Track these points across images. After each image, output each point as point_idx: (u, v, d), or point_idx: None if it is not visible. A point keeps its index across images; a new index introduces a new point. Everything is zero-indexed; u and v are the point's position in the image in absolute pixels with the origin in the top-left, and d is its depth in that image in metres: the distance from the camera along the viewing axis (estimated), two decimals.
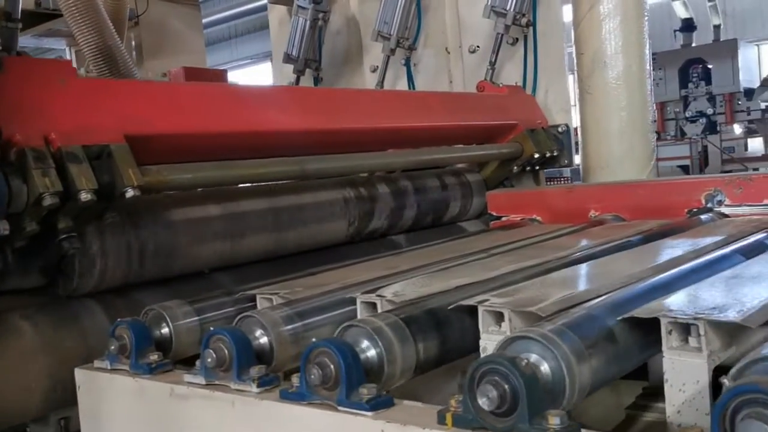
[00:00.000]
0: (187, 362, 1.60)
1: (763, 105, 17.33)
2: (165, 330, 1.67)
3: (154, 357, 1.58)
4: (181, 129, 1.93)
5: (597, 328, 1.20)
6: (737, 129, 17.06)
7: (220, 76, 5.24)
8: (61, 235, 1.75)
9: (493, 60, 3.71)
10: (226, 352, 1.42)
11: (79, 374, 1.67)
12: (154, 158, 1.84)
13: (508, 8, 3.59)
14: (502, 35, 3.67)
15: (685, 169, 14.55)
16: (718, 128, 17.03)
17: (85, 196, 1.65)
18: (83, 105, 1.74)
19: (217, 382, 1.43)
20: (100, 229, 1.85)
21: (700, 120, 17.49)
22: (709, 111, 17.42)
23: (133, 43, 5.76)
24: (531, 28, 3.72)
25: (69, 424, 1.82)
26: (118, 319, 1.65)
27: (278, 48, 4.88)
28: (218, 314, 1.74)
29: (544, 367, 1.11)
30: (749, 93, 17.40)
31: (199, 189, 2.15)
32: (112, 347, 1.62)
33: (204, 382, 1.44)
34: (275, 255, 2.33)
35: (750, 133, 17.08)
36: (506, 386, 1.05)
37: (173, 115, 1.93)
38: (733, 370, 0.94)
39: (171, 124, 1.91)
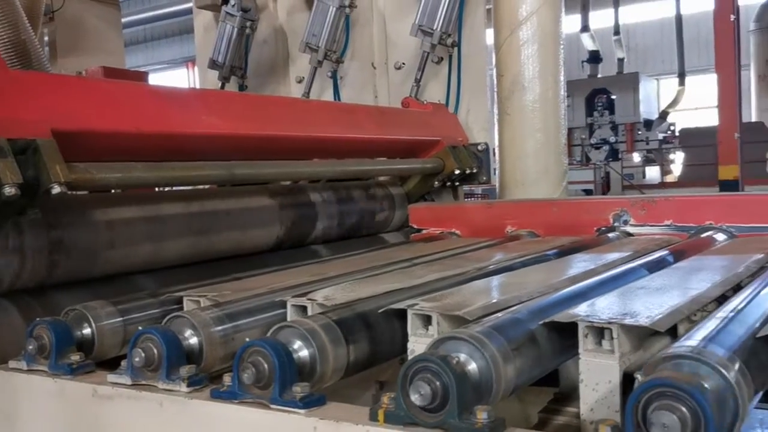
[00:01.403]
0: (109, 364, 1.58)
1: (660, 136, 18.43)
2: (87, 330, 1.64)
3: (75, 357, 1.55)
4: (111, 127, 1.89)
5: (521, 330, 1.28)
6: (636, 157, 18.07)
7: (141, 77, 5.13)
8: None
9: (418, 77, 3.81)
10: (156, 351, 1.41)
11: None
12: (83, 156, 1.80)
13: (434, 28, 3.71)
14: (428, 54, 3.78)
15: (588, 193, 15.25)
16: (619, 156, 17.97)
17: (9, 191, 1.60)
18: (10, 97, 1.68)
19: (143, 382, 1.42)
20: (19, 226, 1.80)
21: (604, 147, 18.41)
22: (612, 139, 18.37)
23: (47, 39, 5.56)
24: (456, 49, 3.85)
25: None
26: (37, 319, 1.61)
27: (203, 53, 4.84)
28: (143, 315, 1.72)
29: (473, 366, 1.17)
30: (648, 124, 18.48)
31: (126, 190, 2.11)
32: (30, 347, 1.57)
33: (130, 382, 1.43)
34: (200, 259, 2.31)
35: (648, 161, 18.13)
36: (438, 383, 1.11)
37: (104, 113, 1.89)
38: (644, 367, 1.03)
39: (101, 122, 1.88)
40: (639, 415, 0.96)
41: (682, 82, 18.72)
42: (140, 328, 1.47)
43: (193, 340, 1.48)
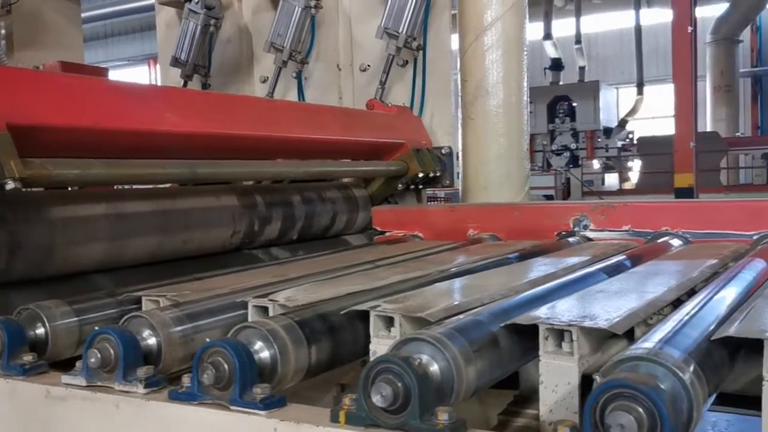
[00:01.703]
0: (63, 366, 1.54)
1: (619, 143, 18.80)
2: (41, 330, 1.59)
3: (28, 358, 1.51)
4: (69, 122, 1.85)
5: (483, 332, 1.29)
6: (596, 164, 18.40)
7: (100, 73, 5.03)
8: None
9: (383, 80, 3.82)
10: (112, 351, 1.39)
11: None
12: (39, 152, 1.76)
13: (400, 31, 3.72)
14: (393, 56, 3.79)
15: (549, 198, 15.47)
16: (580, 162, 18.27)
17: None
18: None
19: (99, 384, 1.39)
20: None
21: (565, 153, 18.70)
22: (573, 146, 18.65)
23: (3, 32, 5.42)
24: (421, 52, 3.87)
25: None
26: None
27: (165, 50, 4.77)
28: (99, 315, 1.68)
29: (435, 368, 1.17)
30: (608, 132, 18.83)
31: (84, 187, 2.07)
32: None
33: (85, 384, 1.40)
34: (159, 259, 2.28)
35: (607, 168, 18.48)
36: (399, 384, 1.11)
37: (62, 108, 1.85)
38: (602, 369, 1.05)
39: (59, 117, 1.83)
40: (597, 415, 0.97)
41: (640, 92, 19.12)
42: (96, 328, 1.44)
43: (152, 341, 1.45)
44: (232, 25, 4.61)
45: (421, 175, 3.40)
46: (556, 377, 1.24)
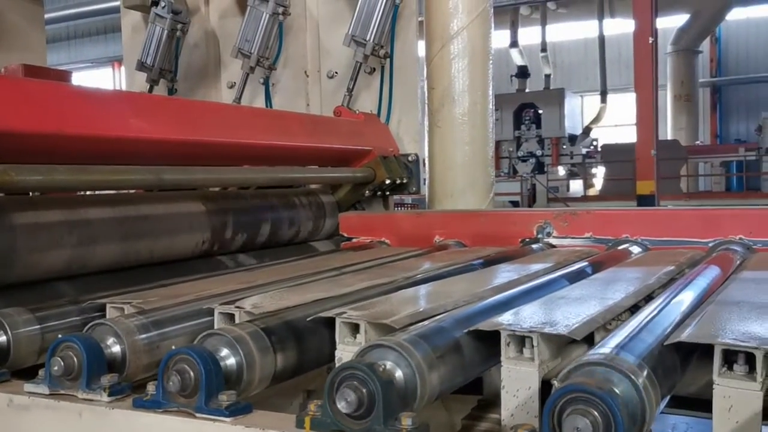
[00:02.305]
0: (25, 374, 1.53)
1: (583, 150, 19.11)
2: (2, 338, 1.58)
3: None
4: (32, 128, 1.83)
5: (446, 339, 1.32)
6: (561, 171, 18.67)
7: (64, 77, 4.95)
8: None
9: (350, 87, 3.84)
10: (75, 360, 1.38)
11: None
12: (2, 157, 1.74)
13: (367, 39, 3.74)
14: (361, 64, 3.81)
15: (515, 205, 15.64)
16: (545, 169, 18.51)
17: None
18: None
19: (62, 392, 1.38)
20: None
21: (530, 160, 18.93)
22: (538, 152, 18.89)
23: None
24: (388, 60, 3.90)
25: None
26: None
27: (130, 54, 4.72)
28: (63, 323, 1.67)
29: (399, 374, 1.20)
30: (573, 139, 19.12)
31: (47, 193, 2.05)
32: None
33: (48, 392, 1.39)
34: (124, 266, 2.26)
35: (572, 175, 18.75)
36: (364, 390, 1.13)
37: (25, 113, 1.83)
38: (560, 374, 1.08)
39: (21, 122, 1.81)
40: (555, 419, 1.00)
41: (604, 100, 19.47)
42: (60, 335, 1.43)
43: (116, 349, 1.45)
44: (199, 29, 4.59)
45: (388, 181, 3.43)
46: (518, 382, 1.27)
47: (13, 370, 1.53)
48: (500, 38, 18.53)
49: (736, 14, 20.58)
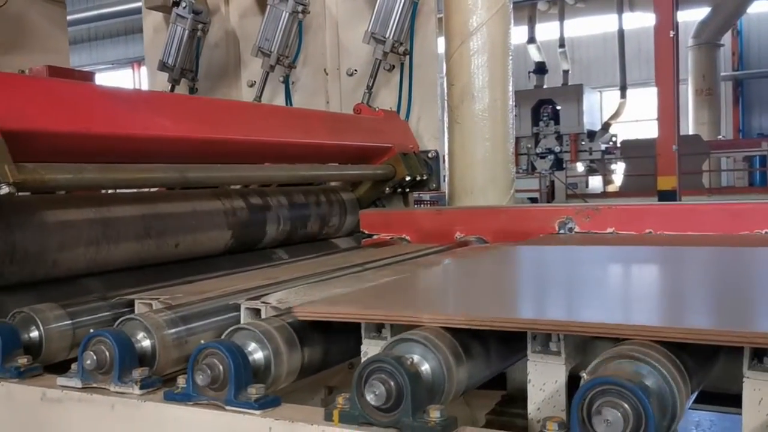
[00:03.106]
0: (56, 369, 1.55)
1: (602, 146, 18.97)
2: (35, 333, 1.61)
3: (22, 361, 1.52)
4: (61, 128, 1.87)
5: (472, 333, 1.32)
6: (580, 167, 18.56)
7: (88, 78, 5.01)
8: None
9: (370, 84, 3.85)
10: (107, 354, 1.40)
11: None
12: (32, 156, 1.77)
13: (387, 36, 3.75)
14: (380, 61, 3.82)
15: (534, 201, 15.56)
16: (564, 165, 18.41)
17: None
18: None
19: (95, 385, 1.41)
20: None
21: (549, 156, 18.84)
22: (557, 149, 18.81)
23: None
24: (407, 57, 3.90)
25: None
26: None
27: (152, 55, 4.77)
28: (93, 318, 1.70)
29: (426, 367, 1.21)
30: (591, 135, 18.99)
31: (75, 191, 2.08)
32: None
33: (80, 385, 1.41)
34: (150, 262, 2.29)
35: (591, 171, 18.64)
36: (392, 383, 1.14)
37: (55, 113, 1.86)
38: (589, 367, 1.08)
39: (51, 122, 1.85)
40: (584, 411, 1.01)
41: (623, 95, 19.32)
42: (91, 330, 1.46)
43: (146, 343, 1.47)
44: (220, 29, 4.63)
45: (408, 178, 3.43)
46: (544, 376, 1.27)
47: (45, 365, 1.56)
48: (518, 34, 18.46)
49: (757, 7, 20.30)
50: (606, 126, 19.56)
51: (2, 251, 1.84)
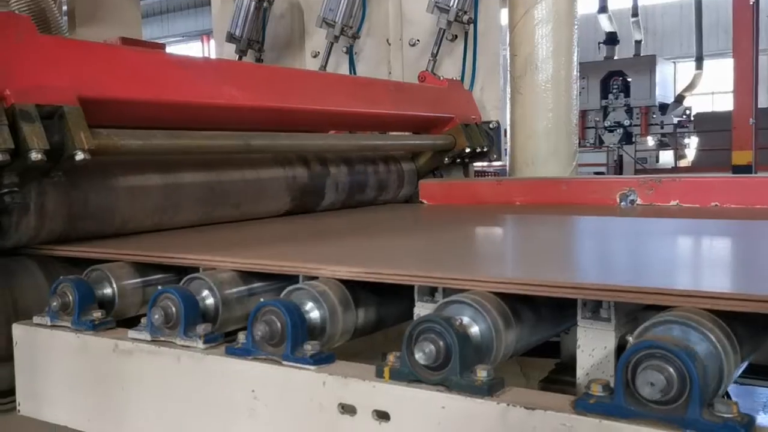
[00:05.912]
0: (126, 324, 1.65)
1: (675, 120, 18.31)
2: (108, 290, 1.71)
3: (97, 314, 1.62)
4: (134, 95, 1.95)
5: (523, 297, 1.34)
6: (650, 141, 17.98)
7: (159, 49, 5.16)
8: (4, 189, 1.75)
9: (435, 51, 3.84)
10: (174, 309, 1.48)
11: (17, 330, 1.68)
12: (105, 122, 1.86)
13: (451, 5, 3.73)
14: (444, 30, 3.80)
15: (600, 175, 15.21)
16: (633, 139, 17.88)
17: (35, 156, 1.66)
18: (40, 63, 1.74)
19: (162, 339, 1.50)
20: (41, 186, 1.85)
21: (618, 130, 18.32)
22: (626, 122, 18.25)
23: (65, 8, 5.59)
24: (471, 26, 3.87)
25: None
26: (61, 277, 1.68)
27: (220, 26, 4.88)
28: (161, 278, 1.79)
29: (475, 329, 1.24)
30: (663, 108, 18.34)
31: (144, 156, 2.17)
32: (54, 304, 1.64)
33: (149, 338, 1.50)
34: (214, 222, 2.38)
35: (662, 146, 18.03)
36: (441, 343, 1.17)
37: (128, 81, 1.95)
38: (636, 331, 1.09)
39: (126, 90, 1.93)
40: (629, 374, 1.02)
41: (699, 66, 18.54)
42: (159, 288, 1.54)
43: (210, 301, 1.55)
44: (285, 0, 4.68)
45: (468, 150, 3.42)
46: (593, 342, 1.28)
47: (117, 319, 1.66)
48: (589, 3, 17.91)
49: None
50: (679, 98, 18.85)
51: (74, 210, 1.93)
